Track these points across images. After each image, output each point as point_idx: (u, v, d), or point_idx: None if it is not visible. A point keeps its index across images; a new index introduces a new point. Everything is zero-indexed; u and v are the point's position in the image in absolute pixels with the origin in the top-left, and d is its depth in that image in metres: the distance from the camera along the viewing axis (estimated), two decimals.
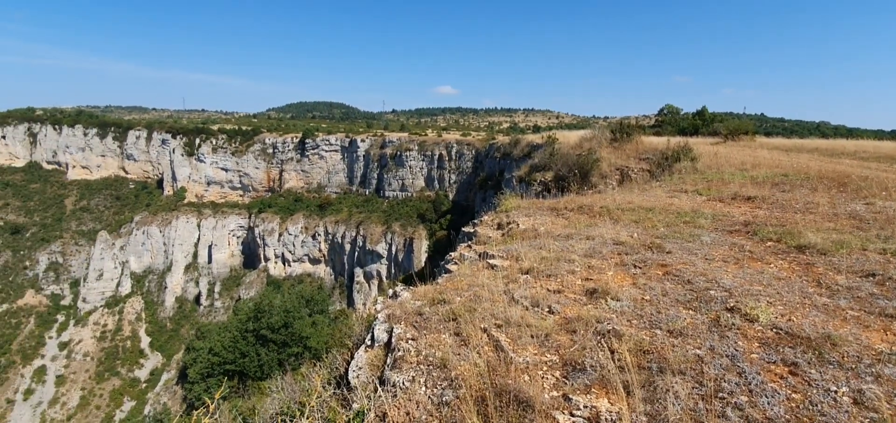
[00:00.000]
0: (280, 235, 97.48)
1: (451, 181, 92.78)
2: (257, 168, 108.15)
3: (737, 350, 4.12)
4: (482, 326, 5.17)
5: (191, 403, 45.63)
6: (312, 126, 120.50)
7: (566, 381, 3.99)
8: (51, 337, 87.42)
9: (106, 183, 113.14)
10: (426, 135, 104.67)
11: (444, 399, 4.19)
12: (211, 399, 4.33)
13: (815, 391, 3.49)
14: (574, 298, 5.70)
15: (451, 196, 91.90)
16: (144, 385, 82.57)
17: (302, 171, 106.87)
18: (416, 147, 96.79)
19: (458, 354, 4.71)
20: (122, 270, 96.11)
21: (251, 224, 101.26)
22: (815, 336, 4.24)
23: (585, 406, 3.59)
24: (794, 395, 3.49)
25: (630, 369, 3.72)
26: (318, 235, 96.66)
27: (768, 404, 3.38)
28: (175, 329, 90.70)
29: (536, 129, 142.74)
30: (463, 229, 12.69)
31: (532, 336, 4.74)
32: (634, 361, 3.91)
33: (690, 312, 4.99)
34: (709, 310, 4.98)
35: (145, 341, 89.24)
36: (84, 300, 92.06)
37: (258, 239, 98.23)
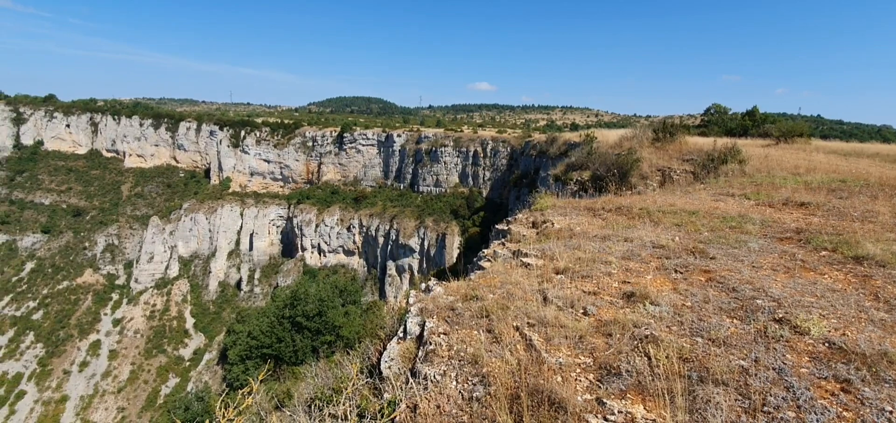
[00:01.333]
0: (317, 226, 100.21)
1: (486, 178, 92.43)
2: (297, 161, 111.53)
3: (785, 364, 3.92)
4: (515, 324, 5.14)
5: (230, 383, 47.80)
6: (350, 121, 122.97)
7: (600, 384, 3.92)
8: (106, 314, 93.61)
9: (158, 171, 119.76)
10: (462, 131, 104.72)
11: (474, 395, 4.20)
12: (250, 381, 4.53)
13: (868, 411, 3.28)
14: (610, 300, 5.58)
15: (484, 193, 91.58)
16: (188, 363, 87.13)
17: (339, 164, 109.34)
18: (452, 143, 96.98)
19: (490, 351, 4.71)
20: (171, 254, 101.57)
21: (290, 214, 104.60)
22: (871, 353, 3.97)
23: (620, 411, 3.52)
24: (845, 413, 3.29)
25: (668, 376, 3.61)
26: (353, 227, 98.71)
27: (817, 421, 3.20)
28: (217, 312, 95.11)
29: (574, 127, 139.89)
30: (496, 226, 12.63)
31: (566, 337, 4.68)
32: (673, 368, 3.79)
33: (735, 321, 4.78)
34: (755, 320, 4.75)
35: (190, 322, 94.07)
36: (136, 281, 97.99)
37: (296, 229, 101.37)
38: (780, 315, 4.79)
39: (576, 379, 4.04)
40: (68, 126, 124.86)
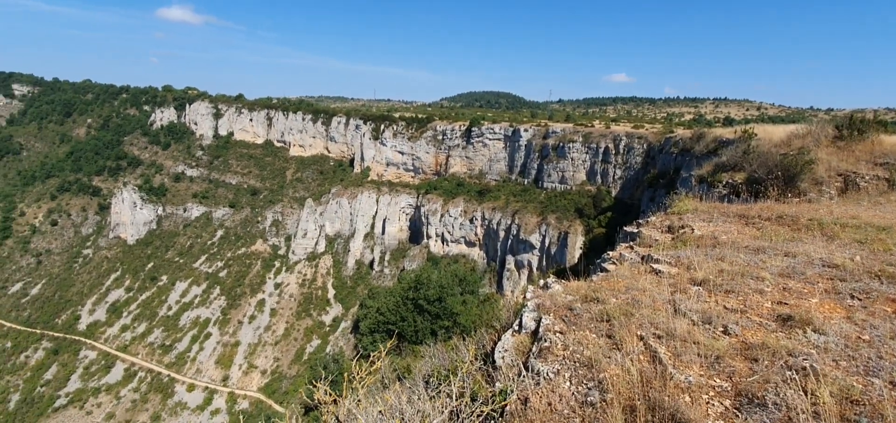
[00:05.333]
0: (442, 216, 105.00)
1: (616, 176, 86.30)
2: (427, 153, 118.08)
3: None
4: (639, 333, 4.82)
5: (360, 351, 53.17)
6: (479, 115, 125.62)
7: (738, 413, 3.47)
8: (270, 278, 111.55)
9: (314, 159, 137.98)
10: (592, 126, 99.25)
11: (588, 399, 4.07)
12: (381, 347, 5.04)
13: None
14: (759, 321, 4.85)
15: (613, 192, 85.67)
16: (328, 328, 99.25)
17: (466, 157, 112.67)
18: (581, 138, 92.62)
19: (609, 357, 4.50)
20: (320, 232, 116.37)
21: (418, 203, 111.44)
22: None
23: None
24: None
25: (830, 418, 3.02)
26: (476, 219, 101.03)
27: None
28: (353, 287, 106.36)
29: (728, 121, 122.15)
30: (625, 228, 11.79)
31: (698, 355, 4.23)
32: (836, 409, 3.16)
33: None
34: None
35: (331, 293, 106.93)
36: (293, 253, 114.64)
37: (423, 218, 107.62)
38: None
39: (707, 402, 3.64)
40: (251, 120, 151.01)
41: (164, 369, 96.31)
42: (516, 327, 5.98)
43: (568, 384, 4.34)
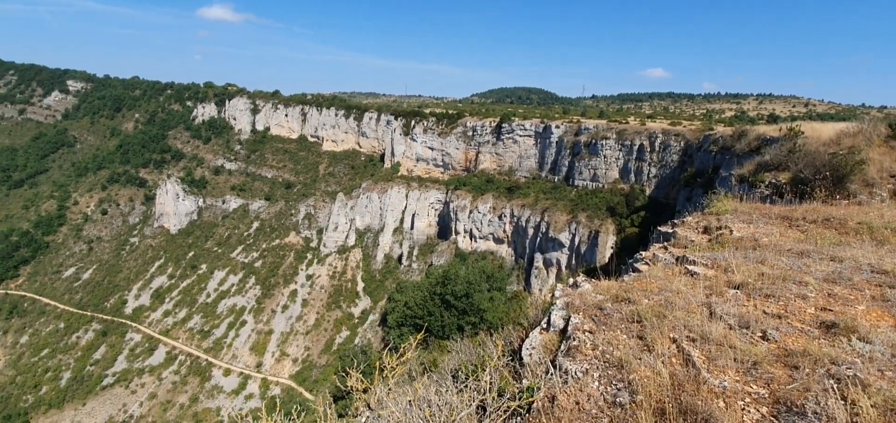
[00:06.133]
0: (470, 212, 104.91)
1: (651, 175, 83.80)
2: (457, 149, 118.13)
3: None
4: (671, 335, 4.73)
5: (387, 344, 54.00)
6: (509, 111, 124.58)
7: (775, 421, 3.37)
8: (302, 269, 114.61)
9: (346, 154, 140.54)
10: (627, 122, 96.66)
11: (617, 400, 4.04)
12: (411, 339, 5.15)
13: None
14: (801, 327, 4.67)
15: (647, 191, 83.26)
16: (356, 321, 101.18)
17: (496, 154, 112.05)
18: (614, 135, 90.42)
19: (639, 358, 4.45)
20: (350, 225, 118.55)
21: (447, 199, 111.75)
22: None
23: None
24: None
25: None
26: (505, 216, 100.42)
27: None
28: (382, 280, 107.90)
29: (773, 118, 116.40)
30: (659, 227, 11.49)
31: (734, 360, 4.12)
32: (880, 421, 3.02)
33: None
34: None
35: (360, 286, 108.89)
36: (324, 245, 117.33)
37: (452, 213, 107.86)
38: None
39: (743, 409, 3.55)
40: (286, 116, 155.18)
41: (202, 353, 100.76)
42: (544, 325, 5.97)
43: (596, 383, 4.32)
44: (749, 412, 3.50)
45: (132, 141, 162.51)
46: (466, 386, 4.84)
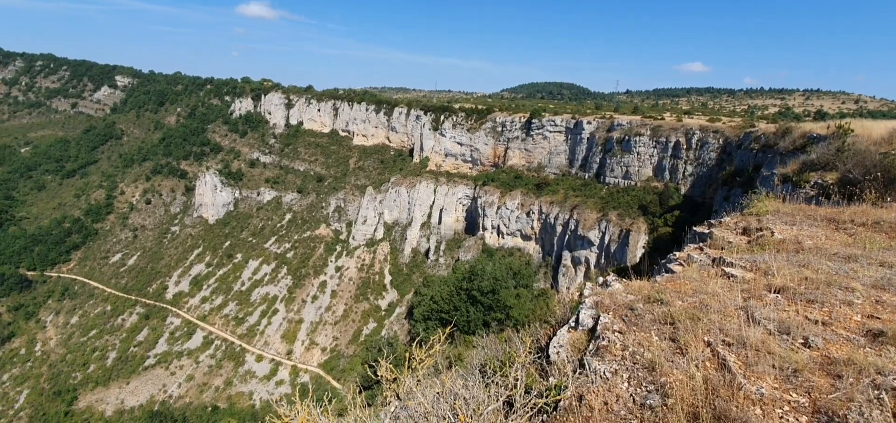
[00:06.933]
0: (498, 208, 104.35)
1: (686, 173, 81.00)
2: (486, 144, 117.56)
3: None
4: (706, 338, 4.61)
5: (413, 337, 54.50)
6: (540, 107, 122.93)
7: None
8: (331, 261, 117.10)
9: (375, 149, 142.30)
10: (662, 118, 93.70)
11: (648, 402, 3.98)
12: (440, 332, 5.21)
13: None
14: (846, 335, 4.45)
15: (682, 190, 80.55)
16: (383, 313, 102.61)
17: (525, 150, 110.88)
18: (648, 132, 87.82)
19: (672, 361, 4.36)
20: (379, 219, 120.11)
21: (475, 195, 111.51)
22: None
23: None
24: None
25: None
26: (533, 213, 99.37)
27: None
28: (408, 274, 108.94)
29: (820, 115, 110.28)
30: (694, 227, 11.14)
31: (773, 366, 3.98)
32: None
33: None
34: None
35: (387, 279, 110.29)
36: (353, 238, 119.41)
37: (479, 209, 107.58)
38: None
39: (781, 417, 3.44)
40: (319, 110, 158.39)
41: (236, 339, 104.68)
42: (572, 324, 5.92)
43: (626, 385, 4.26)
44: (788, 420, 3.38)
45: (174, 134, 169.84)
46: (494, 381, 4.86)
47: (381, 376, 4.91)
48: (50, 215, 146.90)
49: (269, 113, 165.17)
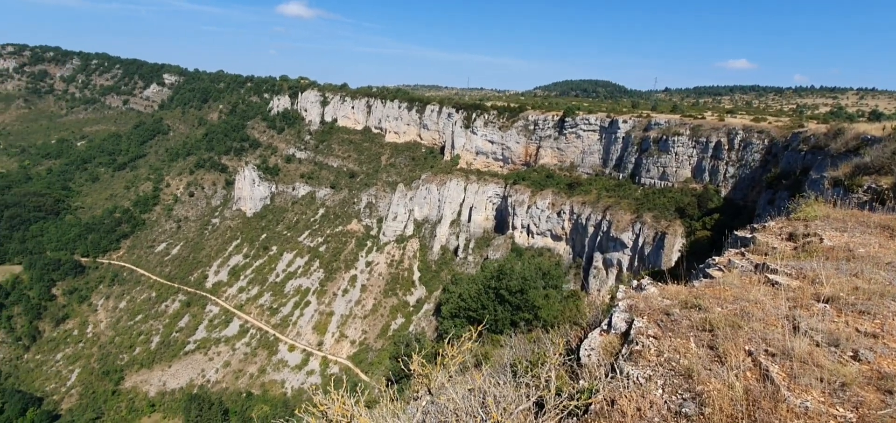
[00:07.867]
0: (528, 207, 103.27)
1: (728, 174, 77.66)
2: (518, 143, 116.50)
3: None
4: (747, 347, 4.46)
5: (440, 334, 54.74)
6: (574, 105, 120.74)
7: None
8: (362, 256, 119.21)
9: (407, 146, 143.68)
10: (703, 118, 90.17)
11: (683, 411, 3.90)
12: (471, 329, 5.27)
13: None
14: None
15: (723, 192, 77.32)
16: (412, 309, 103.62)
17: (557, 149, 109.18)
18: (688, 131, 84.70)
19: (709, 369, 4.25)
20: (409, 216, 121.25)
21: (505, 193, 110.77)
22: None
23: None
24: None
25: None
26: (564, 213, 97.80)
27: None
28: (437, 271, 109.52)
29: (875, 116, 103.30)
30: (735, 232, 10.72)
31: (820, 379, 3.82)
32: None
33: None
34: None
35: (416, 275, 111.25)
36: (383, 234, 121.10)
37: (509, 208, 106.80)
38: None
39: None
40: (353, 108, 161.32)
41: (270, 329, 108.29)
42: (604, 327, 5.84)
43: (660, 391, 4.19)
44: None
45: (216, 130, 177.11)
46: (524, 381, 4.87)
47: (413, 370, 5.01)
48: (102, 206, 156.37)
49: (306, 110, 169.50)
